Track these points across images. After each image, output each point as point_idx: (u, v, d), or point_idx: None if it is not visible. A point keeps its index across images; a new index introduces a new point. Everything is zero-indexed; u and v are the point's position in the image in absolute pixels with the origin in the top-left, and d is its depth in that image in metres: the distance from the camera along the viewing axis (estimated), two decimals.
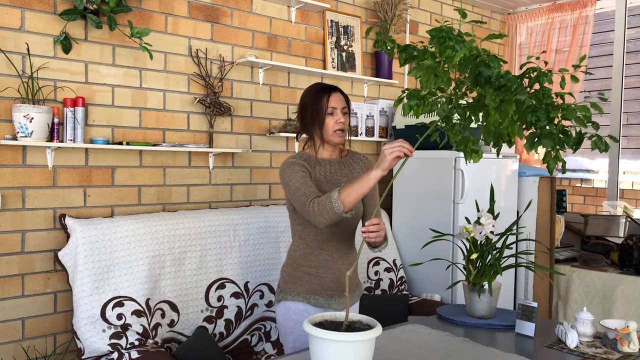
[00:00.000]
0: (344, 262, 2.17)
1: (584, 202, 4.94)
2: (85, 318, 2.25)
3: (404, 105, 1.60)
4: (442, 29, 1.48)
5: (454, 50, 1.45)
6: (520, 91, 1.46)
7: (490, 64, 1.47)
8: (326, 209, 1.92)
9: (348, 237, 2.20)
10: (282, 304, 2.17)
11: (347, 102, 2.22)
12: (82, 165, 2.53)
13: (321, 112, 2.13)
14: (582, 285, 3.53)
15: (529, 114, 1.47)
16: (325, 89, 2.18)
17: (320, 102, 2.14)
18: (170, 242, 2.53)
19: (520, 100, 1.45)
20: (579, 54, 4.32)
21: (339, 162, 2.24)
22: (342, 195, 1.90)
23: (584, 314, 2.13)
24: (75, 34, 2.49)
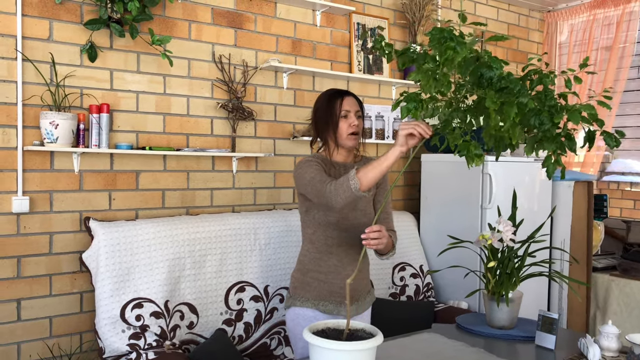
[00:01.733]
0: (353, 267, 2.14)
1: (634, 207, 4.69)
2: (106, 318, 2.32)
3: (401, 108, 1.57)
4: (442, 30, 1.45)
5: (454, 52, 1.41)
6: (522, 93, 1.41)
7: (492, 65, 1.42)
8: (343, 187, 1.89)
9: (359, 242, 2.18)
10: (292, 309, 2.18)
11: (361, 106, 2.20)
12: (107, 169, 2.62)
13: (334, 116, 2.14)
14: (621, 295, 3.35)
15: (532, 117, 1.42)
16: (338, 93, 2.18)
17: (334, 105, 2.15)
18: (190, 245, 2.57)
19: (523, 103, 1.39)
20: (623, 51, 4.11)
21: (352, 166, 2.22)
22: (360, 174, 1.87)
23: (608, 327, 2.02)
24: (101, 43, 2.57)
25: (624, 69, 4.13)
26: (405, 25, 3.64)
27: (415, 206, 3.64)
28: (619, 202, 4.73)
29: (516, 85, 1.42)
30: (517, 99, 1.41)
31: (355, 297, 2.19)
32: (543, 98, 1.43)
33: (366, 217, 2.17)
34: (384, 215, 2.22)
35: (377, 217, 1.87)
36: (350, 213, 2.15)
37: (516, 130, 1.44)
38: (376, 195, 2.26)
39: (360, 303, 2.21)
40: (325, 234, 2.12)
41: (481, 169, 3.12)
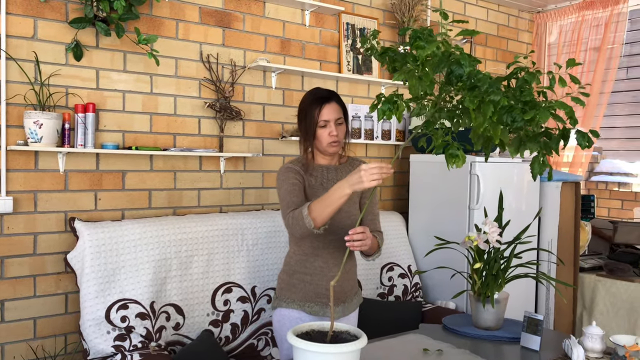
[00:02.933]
0: (339, 269, 2.14)
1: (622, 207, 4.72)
2: (91, 320, 2.30)
3: (377, 110, 1.56)
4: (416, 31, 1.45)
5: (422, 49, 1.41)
6: (493, 91, 1.40)
7: (461, 62, 1.41)
8: (299, 224, 1.94)
9: (344, 244, 2.17)
10: (278, 310, 2.18)
11: (344, 110, 2.18)
12: (93, 169, 2.59)
13: (313, 125, 2.12)
14: (607, 295, 3.37)
15: (504, 114, 1.41)
16: (318, 100, 2.13)
17: (312, 114, 2.12)
18: (177, 246, 2.56)
19: (495, 101, 1.38)
20: (611, 52, 4.14)
21: (336, 168, 2.22)
22: (313, 213, 1.91)
23: (592, 328, 2.03)
24: (87, 42, 2.55)
25: (612, 69, 4.15)
26: (395, 26, 3.63)
27: (404, 206, 3.64)
28: (607, 202, 4.76)
29: (484, 83, 1.41)
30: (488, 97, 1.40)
31: (342, 298, 2.18)
32: (518, 94, 1.43)
33: (350, 219, 2.16)
34: (370, 216, 2.21)
35: (361, 218, 1.86)
36: (336, 215, 2.13)
37: (498, 129, 1.43)
38: (362, 198, 2.25)
39: (347, 304, 2.21)
40: (312, 237, 2.12)
41: (469, 170, 3.12)
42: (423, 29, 1.46)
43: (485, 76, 1.42)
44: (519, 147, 1.50)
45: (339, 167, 2.23)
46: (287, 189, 2.07)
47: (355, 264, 2.30)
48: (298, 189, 2.08)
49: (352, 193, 1.84)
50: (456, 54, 1.44)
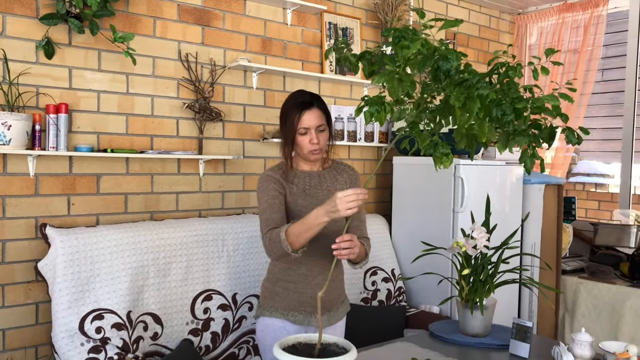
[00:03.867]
0: (323, 277, 2.08)
1: (599, 208, 4.77)
2: (63, 331, 2.19)
3: (365, 113, 1.50)
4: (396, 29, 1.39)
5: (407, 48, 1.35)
6: (482, 86, 1.35)
7: (448, 57, 1.36)
8: (276, 247, 1.92)
9: (329, 251, 2.10)
10: (261, 319, 2.12)
11: (327, 116, 2.10)
12: (65, 172, 2.48)
13: (293, 132, 2.04)
14: (589, 297, 3.38)
15: (493, 108, 1.36)
16: (299, 106, 2.04)
17: (292, 120, 2.03)
18: (154, 253, 2.46)
19: (484, 95, 1.34)
20: (591, 54, 4.16)
21: (319, 174, 2.15)
22: (290, 237, 1.88)
23: (581, 335, 2.00)
24: (59, 39, 2.43)
25: (592, 71, 4.17)
26: (378, 26, 3.58)
27: (387, 209, 3.60)
28: (584, 203, 4.79)
29: (475, 76, 1.37)
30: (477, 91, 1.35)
31: (327, 307, 2.12)
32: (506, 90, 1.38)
33: (336, 225, 2.09)
34: (356, 222, 2.15)
35: (348, 225, 1.79)
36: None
37: (484, 125, 1.38)
38: None
39: (333, 314, 2.15)
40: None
41: (453, 172, 3.08)
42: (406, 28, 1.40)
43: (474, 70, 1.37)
44: (507, 142, 1.46)
45: (322, 173, 2.16)
46: (267, 203, 2.02)
47: (342, 271, 2.24)
48: (278, 203, 2.02)
49: (329, 219, 1.81)
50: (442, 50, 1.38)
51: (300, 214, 2.05)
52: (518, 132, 1.39)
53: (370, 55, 1.60)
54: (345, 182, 2.18)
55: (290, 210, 2.08)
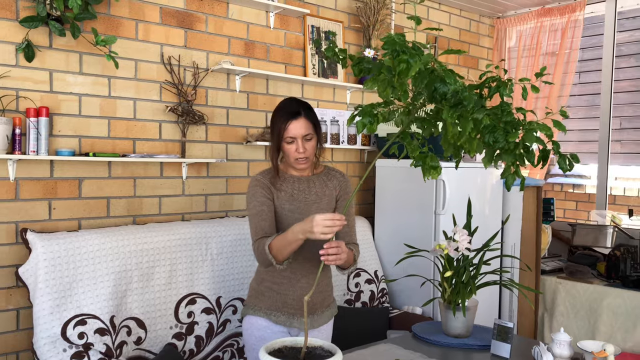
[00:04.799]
0: (308, 280, 2.10)
1: (576, 208, 4.86)
2: (45, 337, 2.16)
3: (357, 123, 1.52)
4: (395, 42, 1.40)
5: (407, 65, 1.37)
6: (477, 110, 1.38)
7: (445, 80, 1.38)
8: (263, 258, 1.98)
9: (315, 254, 2.12)
10: (247, 318, 2.16)
11: (315, 125, 2.10)
12: (46, 177, 2.45)
13: (279, 140, 2.07)
14: (568, 297, 3.44)
15: (486, 134, 1.39)
16: (286, 115, 2.06)
17: (279, 129, 2.06)
18: (138, 257, 2.45)
19: (478, 119, 1.37)
20: (568, 57, 4.24)
21: (308, 179, 2.17)
22: (273, 251, 1.94)
23: (560, 335, 2.05)
24: (39, 42, 2.40)
25: (570, 74, 4.26)
26: (360, 29, 3.61)
27: (370, 211, 3.63)
28: (562, 204, 4.89)
29: (470, 102, 1.39)
30: (472, 115, 1.38)
31: (311, 310, 2.14)
32: (499, 113, 1.41)
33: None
34: (346, 228, 2.16)
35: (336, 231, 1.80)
36: None
37: (474, 143, 1.41)
38: (337, 209, 2.21)
39: (317, 317, 2.16)
40: None
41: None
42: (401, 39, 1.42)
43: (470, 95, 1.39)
44: (492, 158, 1.49)
45: (311, 178, 2.18)
46: (255, 210, 2.06)
47: (330, 275, 2.26)
48: (267, 210, 2.06)
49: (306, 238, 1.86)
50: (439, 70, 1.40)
51: (287, 219, 2.07)
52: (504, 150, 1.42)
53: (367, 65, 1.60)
54: (334, 188, 2.19)
55: (278, 215, 2.10)
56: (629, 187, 4.52)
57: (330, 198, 2.17)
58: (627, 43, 4.38)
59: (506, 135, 1.38)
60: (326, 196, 2.15)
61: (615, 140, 4.41)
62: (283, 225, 2.09)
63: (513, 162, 1.50)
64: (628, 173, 4.50)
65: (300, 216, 2.09)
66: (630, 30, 4.39)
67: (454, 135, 1.47)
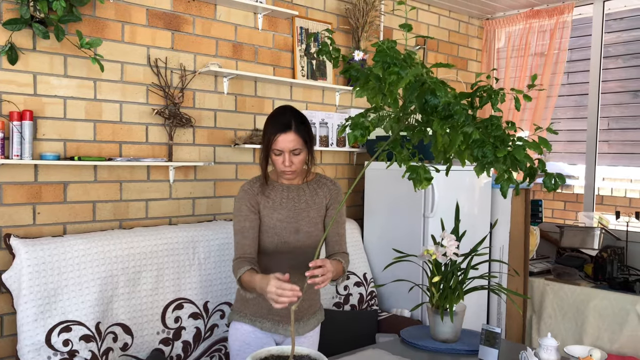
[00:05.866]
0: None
1: (564, 208, 4.89)
2: (29, 345, 2.14)
3: (347, 135, 1.51)
4: (386, 53, 1.39)
5: (398, 77, 1.36)
6: (467, 123, 1.37)
7: (436, 93, 1.37)
8: (236, 280, 2.01)
9: (301, 264, 2.10)
10: (233, 324, 2.16)
11: (305, 140, 2.06)
12: (30, 181, 2.42)
13: (267, 150, 2.06)
14: (555, 299, 3.46)
15: (475, 148, 1.39)
16: (276, 127, 2.03)
17: (268, 140, 2.05)
18: (124, 262, 2.42)
19: (467, 133, 1.36)
20: (557, 58, 4.25)
21: (298, 187, 2.16)
22: (244, 284, 1.97)
23: (547, 340, 2.05)
24: (23, 44, 2.36)
25: (558, 74, 4.27)
26: (349, 31, 3.59)
27: (359, 213, 3.62)
28: (550, 204, 4.91)
29: (461, 116, 1.38)
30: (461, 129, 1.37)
31: (297, 317, 2.13)
32: (490, 127, 1.41)
33: (311, 239, 2.10)
34: (335, 237, 2.15)
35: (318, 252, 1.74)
36: (292, 236, 2.08)
37: (464, 155, 1.41)
38: (326, 217, 2.19)
39: (303, 324, 2.15)
40: (264, 256, 2.07)
41: None
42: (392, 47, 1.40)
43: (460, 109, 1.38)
44: (483, 167, 1.48)
45: (302, 186, 2.16)
46: (239, 225, 2.08)
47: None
48: (249, 227, 2.06)
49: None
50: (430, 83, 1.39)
51: (276, 228, 2.06)
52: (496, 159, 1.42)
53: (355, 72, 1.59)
54: (324, 196, 2.18)
55: (265, 224, 2.09)
56: (616, 187, 4.55)
57: (319, 206, 2.16)
58: (615, 44, 4.41)
59: (495, 150, 1.37)
60: (315, 204, 2.15)
61: (602, 141, 4.43)
62: (273, 235, 2.08)
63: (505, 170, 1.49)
64: (615, 173, 4.53)
65: (289, 225, 2.08)
66: (617, 31, 4.41)
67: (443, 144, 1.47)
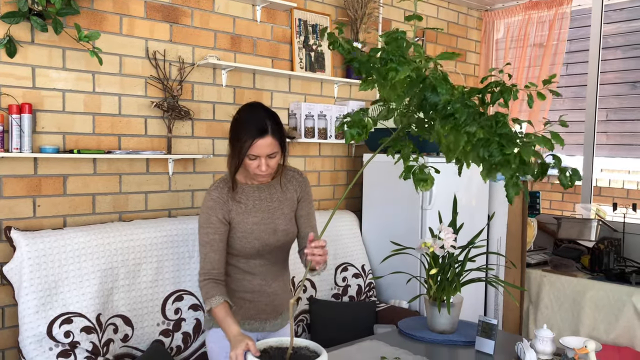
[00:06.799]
0: (278, 284, 2.11)
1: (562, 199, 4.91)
2: (31, 336, 2.16)
3: (345, 133, 1.51)
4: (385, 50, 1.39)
5: (395, 72, 1.36)
6: (469, 123, 1.35)
7: (437, 89, 1.36)
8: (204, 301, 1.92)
9: (281, 259, 2.12)
10: (214, 331, 2.04)
11: (281, 142, 1.95)
12: (30, 174, 2.43)
13: (241, 155, 1.90)
14: (552, 290, 3.49)
15: (480, 147, 1.36)
16: (252, 132, 1.88)
17: (243, 145, 1.89)
18: (124, 254, 2.44)
19: (471, 133, 1.34)
20: (556, 48, 4.25)
21: (269, 186, 2.08)
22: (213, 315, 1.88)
23: (543, 331, 2.08)
24: (21, 37, 2.36)
25: (557, 65, 4.27)
26: (348, 22, 3.59)
27: (358, 205, 3.64)
28: (548, 195, 4.93)
29: (462, 115, 1.36)
30: (464, 128, 1.35)
31: (279, 311, 2.13)
32: (494, 125, 1.38)
33: (288, 236, 2.07)
34: (309, 229, 2.11)
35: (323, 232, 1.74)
36: (271, 237, 2.03)
37: (469, 156, 1.40)
38: (298, 210, 2.14)
39: (284, 316, 2.16)
40: (247, 258, 2.04)
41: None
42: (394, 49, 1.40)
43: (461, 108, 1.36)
44: (489, 171, 1.45)
45: (272, 184, 2.08)
46: (208, 238, 1.95)
47: (289, 273, 2.23)
48: (218, 239, 1.95)
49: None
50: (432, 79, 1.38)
51: (253, 232, 1.98)
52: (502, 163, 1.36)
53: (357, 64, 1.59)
54: (295, 190, 2.11)
55: (241, 230, 1.99)
56: (614, 178, 4.57)
57: (291, 202, 2.10)
58: (614, 35, 4.41)
59: (502, 149, 1.34)
60: (287, 200, 2.09)
61: (601, 132, 4.44)
62: (253, 239, 2.00)
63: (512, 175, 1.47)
64: (613, 165, 4.54)
65: (267, 227, 2.01)
66: (617, 22, 4.41)
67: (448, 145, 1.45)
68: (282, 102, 3.32)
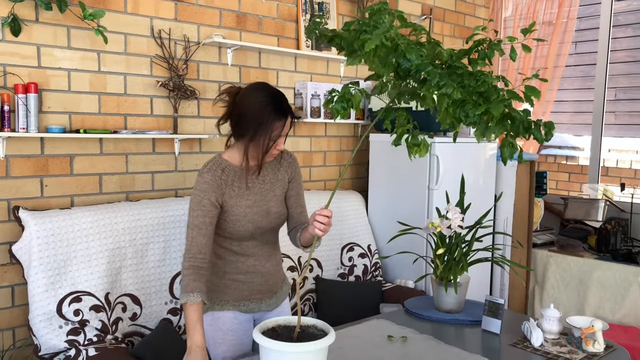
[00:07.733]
0: (272, 263, 2.09)
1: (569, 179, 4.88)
2: (41, 315, 2.18)
3: (332, 107, 1.50)
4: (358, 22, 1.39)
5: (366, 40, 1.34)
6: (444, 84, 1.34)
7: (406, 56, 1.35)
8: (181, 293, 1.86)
9: (273, 239, 2.11)
10: (209, 314, 2.02)
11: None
12: (37, 154, 2.43)
13: (269, 141, 1.88)
14: (558, 270, 3.49)
15: (457, 109, 1.36)
16: (282, 113, 1.88)
17: (272, 127, 1.87)
18: (131, 234, 2.45)
19: (448, 94, 1.34)
20: (565, 26, 4.19)
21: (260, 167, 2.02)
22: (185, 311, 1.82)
23: (550, 310, 2.08)
24: (25, 15, 2.34)
25: (566, 43, 4.21)
26: (354, 0, 3.54)
27: (364, 185, 3.63)
28: (555, 175, 4.91)
29: (433, 77, 1.35)
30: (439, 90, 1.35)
31: (273, 290, 2.12)
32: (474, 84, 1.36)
33: (280, 218, 2.06)
34: (299, 209, 2.11)
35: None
36: (264, 220, 2.01)
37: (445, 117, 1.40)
38: (288, 190, 2.12)
39: (279, 295, 2.15)
40: (240, 243, 2.02)
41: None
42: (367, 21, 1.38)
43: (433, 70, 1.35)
44: (484, 131, 1.47)
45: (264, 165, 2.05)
46: (198, 220, 1.88)
47: (280, 252, 2.21)
48: (208, 223, 1.89)
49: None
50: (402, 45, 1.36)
51: (246, 215, 1.96)
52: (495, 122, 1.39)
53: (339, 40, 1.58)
54: (286, 171, 2.09)
55: (234, 214, 1.95)
56: (621, 158, 4.53)
57: (282, 182, 2.08)
58: (625, 12, 4.33)
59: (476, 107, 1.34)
60: (279, 180, 2.07)
61: (609, 112, 4.39)
62: (247, 222, 1.97)
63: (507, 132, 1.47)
64: (621, 145, 4.50)
65: (260, 209, 1.99)
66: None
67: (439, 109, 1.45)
68: (288, 81, 3.29)
